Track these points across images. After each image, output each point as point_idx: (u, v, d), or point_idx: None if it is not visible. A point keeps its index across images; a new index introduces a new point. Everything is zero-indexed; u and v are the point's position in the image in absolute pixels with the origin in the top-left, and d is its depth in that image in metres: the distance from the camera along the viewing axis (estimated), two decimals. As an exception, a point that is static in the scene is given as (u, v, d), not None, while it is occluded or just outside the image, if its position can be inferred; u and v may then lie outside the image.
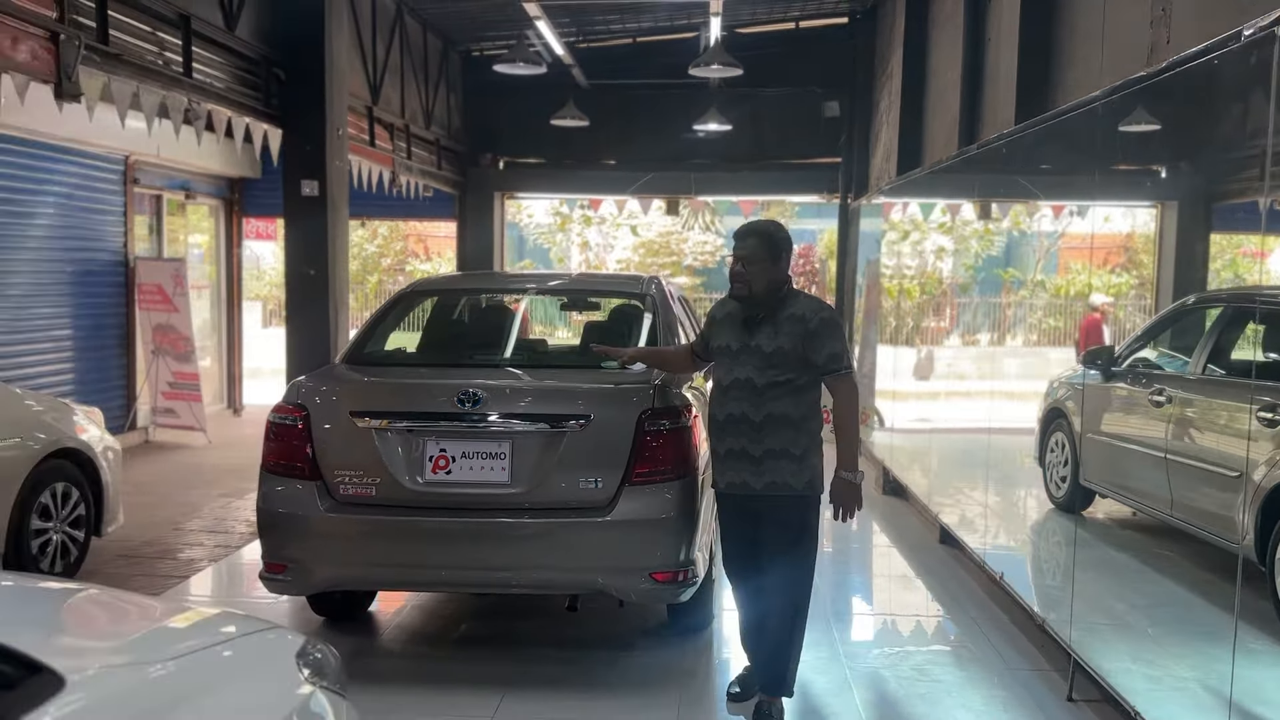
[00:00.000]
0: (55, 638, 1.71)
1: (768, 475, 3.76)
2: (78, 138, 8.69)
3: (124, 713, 1.40)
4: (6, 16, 4.49)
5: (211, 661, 1.73)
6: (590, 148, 12.49)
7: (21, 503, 5.25)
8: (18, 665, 1.44)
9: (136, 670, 1.57)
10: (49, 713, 1.31)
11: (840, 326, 3.88)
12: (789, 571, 3.82)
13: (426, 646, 4.86)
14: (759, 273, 3.78)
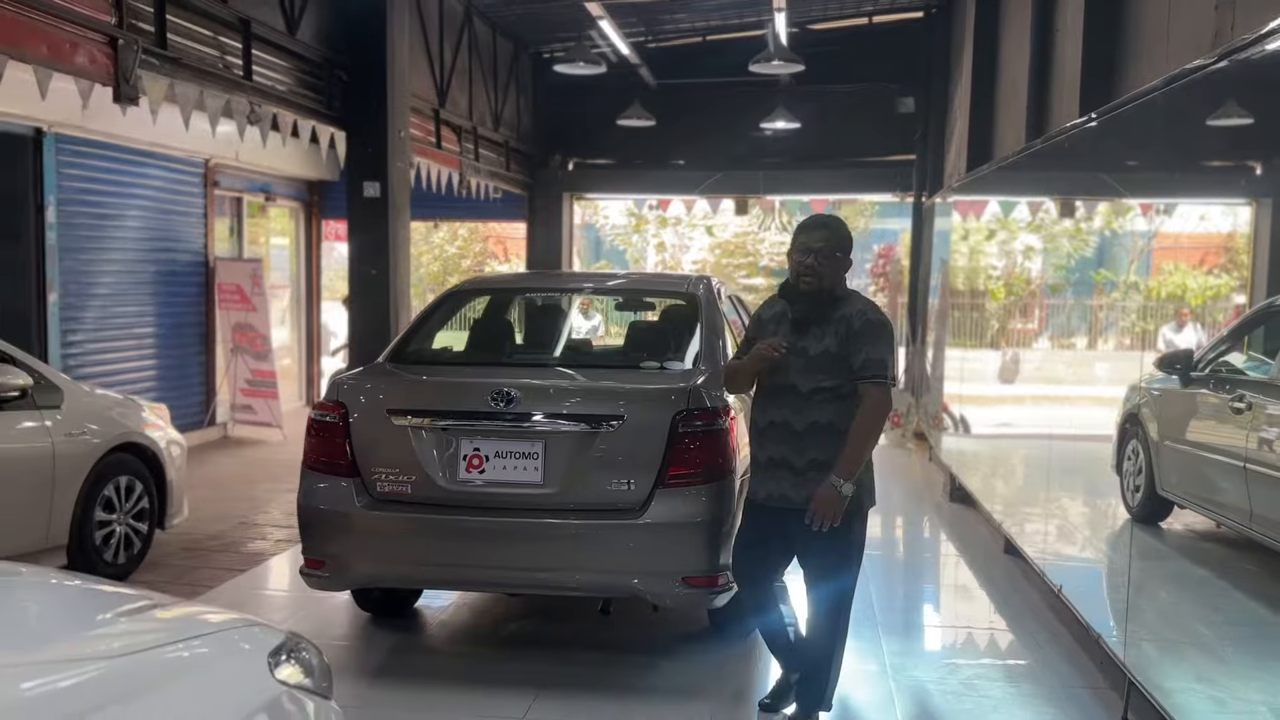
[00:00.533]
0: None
1: (810, 488, 3.51)
2: (160, 142, 8.98)
3: (52, 712, 1.39)
4: (66, 22, 4.66)
5: (164, 659, 1.72)
6: (659, 147, 12.46)
7: (86, 495, 5.42)
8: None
9: (81, 666, 1.57)
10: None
11: (886, 331, 3.59)
12: (831, 588, 3.61)
13: (467, 645, 4.87)
14: (834, 266, 3.57)
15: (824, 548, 3.56)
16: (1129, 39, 5.18)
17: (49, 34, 4.60)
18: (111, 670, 1.59)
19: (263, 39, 6.57)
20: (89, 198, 8.57)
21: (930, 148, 11.08)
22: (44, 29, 4.59)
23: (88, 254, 8.61)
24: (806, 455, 3.54)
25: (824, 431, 3.52)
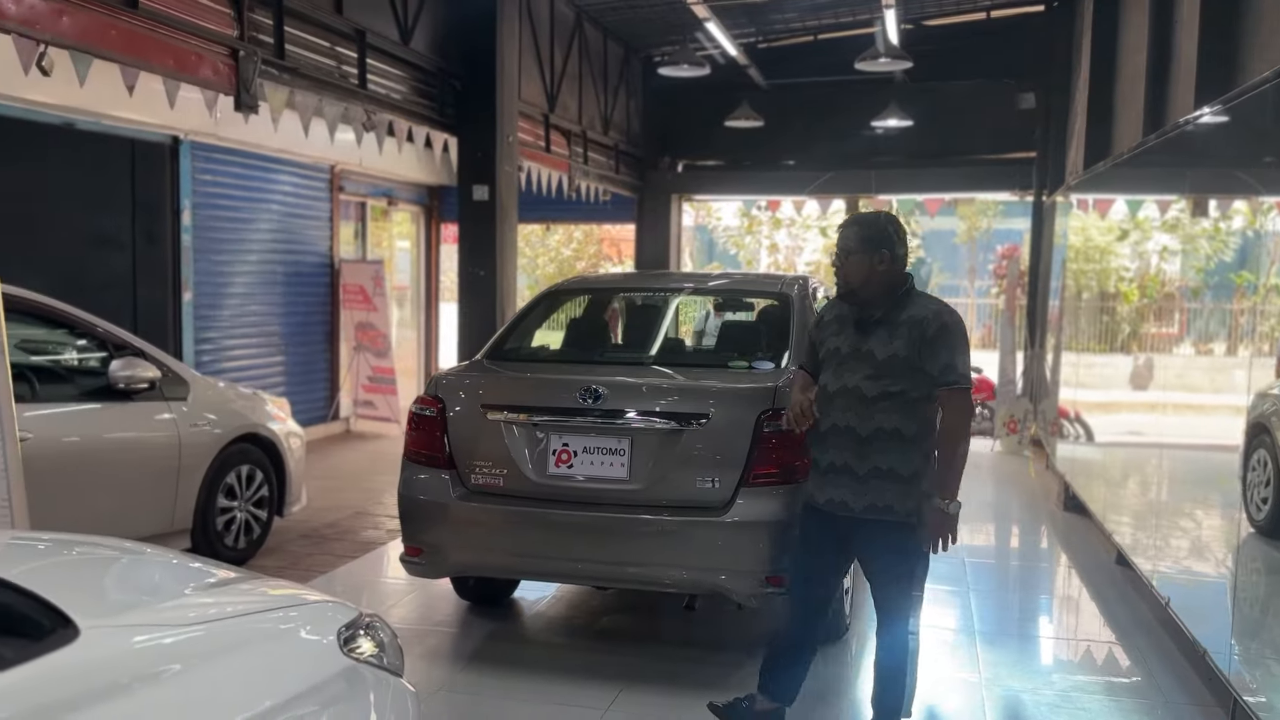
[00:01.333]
0: (93, 595, 1.90)
1: (870, 496, 3.39)
2: (288, 149, 9.43)
3: (126, 669, 1.52)
4: (192, 36, 4.98)
5: (244, 627, 1.86)
6: (768, 148, 12.40)
7: (209, 482, 5.74)
8: (51, 617, 1.60)
9: (155, 631, 1.71)
10: (52, 660, 1.46)
11: (962, 333, 3.41)
12: (898, 597, 3.50)
13: (558, 636, 4.98)
14: (856, 265, 3.41)
15: (888, 557, 3.47)
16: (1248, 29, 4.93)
17: (175, 47, 4.93)
18: (199, 634, 1.74)
19: (377, 49, 6.85)
20: (222, 202, 9.06)
21: (1051, 145, 10.71)
22: (171, 43, 4.92)
23: (220, 255, 9.11)
24: (870, 462, 3.39)
25: (889, 438, 3.37)
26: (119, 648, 1.58)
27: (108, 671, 1.49)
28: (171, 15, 4.94)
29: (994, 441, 10.73)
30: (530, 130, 8.96)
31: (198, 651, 1.68)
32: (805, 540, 3.66)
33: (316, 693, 1.85)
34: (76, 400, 5.27)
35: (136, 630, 1.68)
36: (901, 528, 3.42)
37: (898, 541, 3.43)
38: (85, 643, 1.52)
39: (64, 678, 1.44)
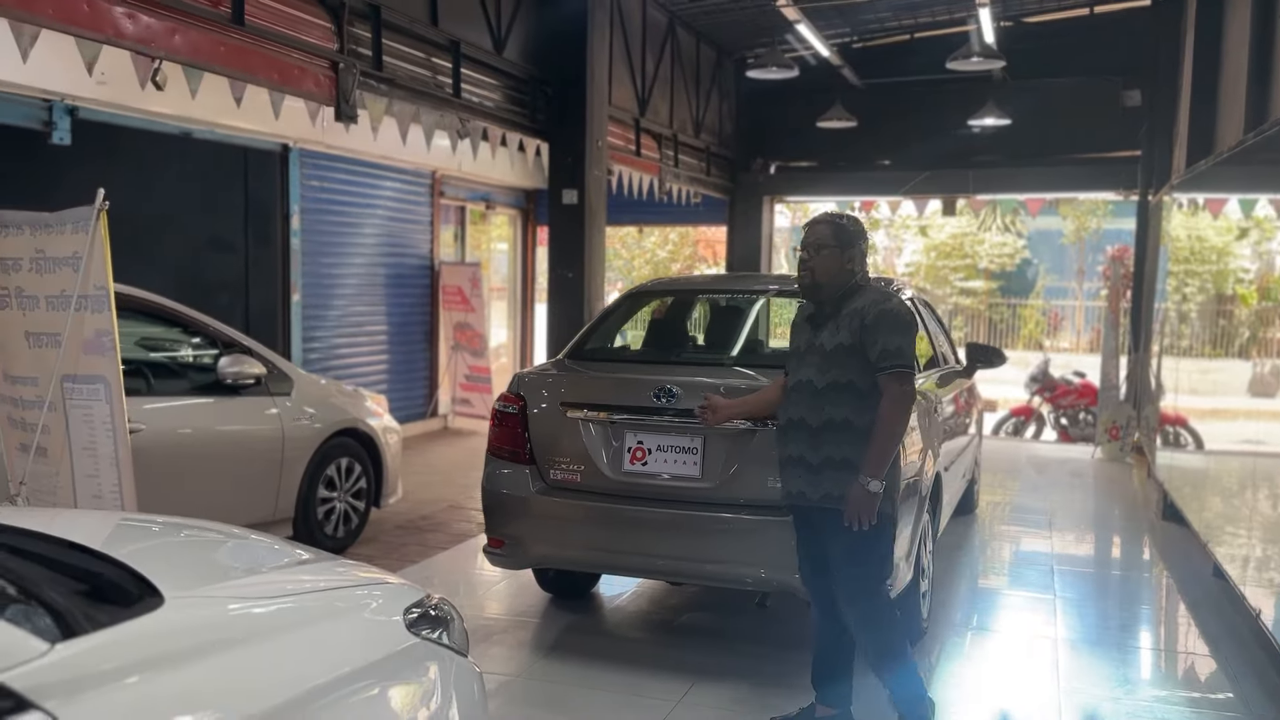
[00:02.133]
0: (180, 570, 2.09)
1: (825, 486, 3.47)
2: (391, 155, 9.79)
3: (204, 636, 1.69)
4: (295, 50, 5.26)
5: (311, 604, 2.03)
6: (862, 148, 12.31)
7: (310, 474, 6.04)
8: (139, 585, 1.78)
9: (230, 603, 1.89)
10: (139, 623, 1.63)
11: (903, 320, 3.48)
12: (854, 597, 3.53)
13: (635, 629, 5.10)
14: (825, 261, 3.52)
15: (843, 551, 3.50)
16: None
17: (279, 61, 5.23)
18: (272, 607, 1.91)
19: (471, 58, 7.09)
20: (328, 207, 9.46)
21: (1157, 143, 10.38)
22: (275, 57, 5.22)
23: (327, 258, 9.52)
24: (822, 452, 3.47)
25: (840, 428, 3.45)
26: (197, 616, 1.76)
27: (184, 637, 1.66)
28: (276, 31, 5.24)
29: (1095, 448, 10.45)
30: (621, 134, 9.12)
31: (269, 623, 1.84)
32: (797, 539, 3.76)
33: (380, 666, 2.00)
34: (188, 394, 5.60)
35: (215, 602, 1.86)
36: None
37: (854, 534, 3.46)
38: (167, 610, 1.70)
39: (145, 640, 1.61)
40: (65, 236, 3.31)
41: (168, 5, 4.47)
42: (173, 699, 1.52)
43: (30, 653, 1.40)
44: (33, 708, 1.33)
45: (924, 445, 4.75)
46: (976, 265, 21.85)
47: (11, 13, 3.83)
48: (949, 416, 5.64)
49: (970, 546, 6.73)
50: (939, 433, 5.17)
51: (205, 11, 4.78)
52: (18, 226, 3.45)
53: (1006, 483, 9.04)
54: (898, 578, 4.21)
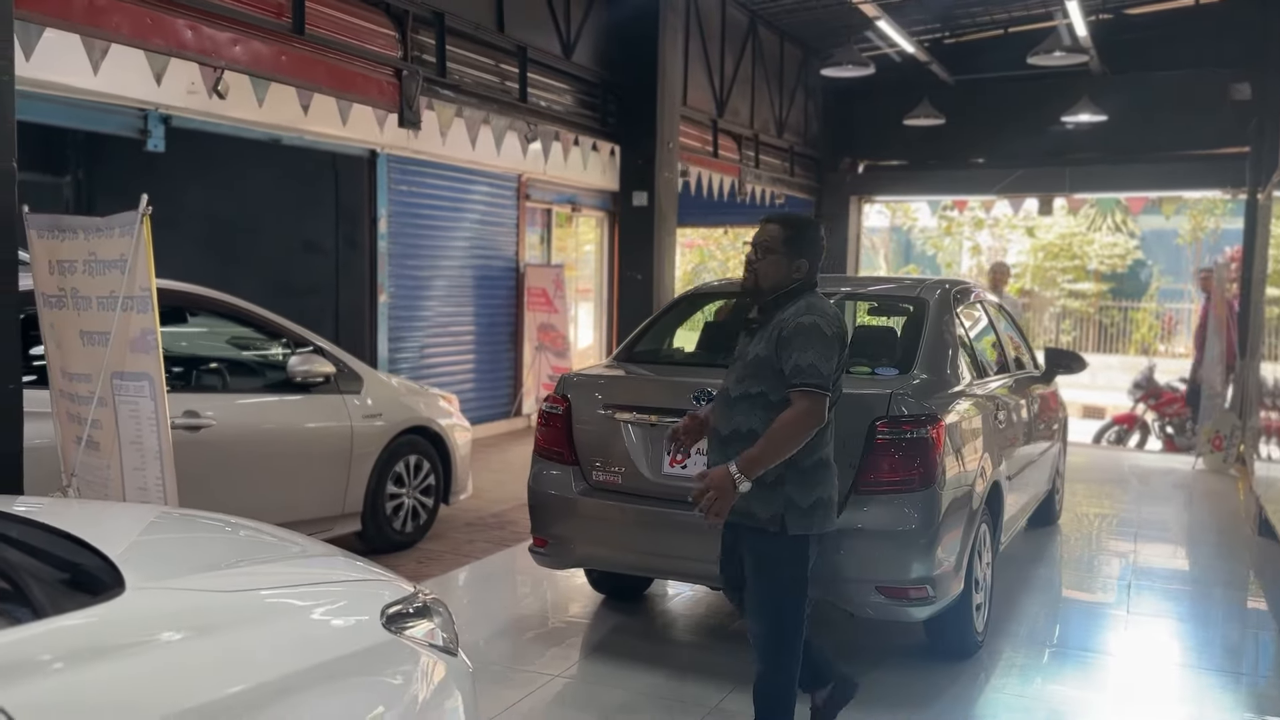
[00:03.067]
0: (159, 560, 2.17)
1: (737, 502, 3.24)
2: (477, 160, 9.98)
3: (154, 626, 1.76)
4: (358, 58, 5.42)
5: (282, 598, 2.08)
6: (953, 145, 12.00)
7: (379, 470, 6.19)
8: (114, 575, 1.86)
9: (195, 595, 1.95)
10: (92, 611, 1.71)
11: (817, 335, 3.22)
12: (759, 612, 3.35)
13: (680, 633, 5.08)
14: (770, 266, 3.33)
15: (753, 561, 3.34)
16: None
17: (341, 69, 5.40)
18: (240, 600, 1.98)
19: (539, 63, 7.18)
20: (415, 210, 9.69)
21: (1267, 138, 9.82)
22: (338, 65, 5.38)
23: (413, 260, 9.75)
24: None
25: (746, 440, 3.25)
26: (153, 606, 1.82)
27: (133, 626, 1.73)
28: (338, 40, 5.40)
29: (1197, 458, 9.94)
30: (697, 136, 9.09)
31: (230, 617, 1.89)
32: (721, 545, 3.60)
33: (345, 662, 2.03)
34: (260, 392, 5.81)
35: (178, 594, 1.92)
36: (763, 534, 3.30)
37: (760, 551, 3.31)
38: (124, 600, 1.77)
39: (93, 628, 1.68)
40: (113, 240, 3.48)
41: (229, 17, 4.67)
42: (104, 687, 1.58)
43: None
44: (-36, 690, 1.41)
45: (979, 453, 4.60)
46: (1086, 266, 21.02)
47: (82, 29, 4.06)
48: (1016, 423, 5.45)
49: (1046, 559, 6.48)
50: (1000, 440, 5.00)
51: (267, 22, 4.96)
52: (74, 231, 3.65)
53: (1098, 493, 8.68)
54: (940, 588, 4.09)
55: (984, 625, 4.77)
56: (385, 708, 2.10)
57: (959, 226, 21.44)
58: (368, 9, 5.71)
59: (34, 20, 4.29)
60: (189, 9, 4.68)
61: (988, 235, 21.90)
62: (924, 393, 4.28)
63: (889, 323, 5.37)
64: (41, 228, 3.80)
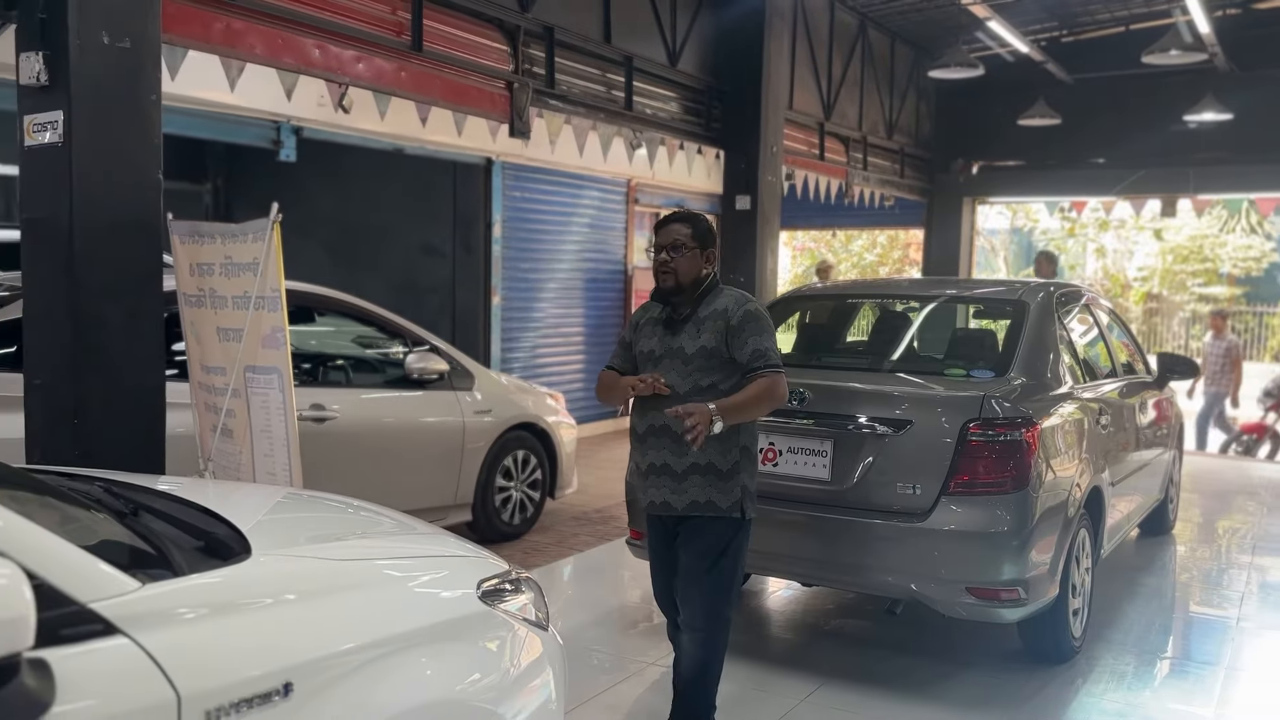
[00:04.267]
0: (281, 531, 2.42)
1: (691, 493, 3.38)
2: (588, 166, 10.27)
3: (276, 586, 1.99)
4: (471, 72, 5.70)
5: (388, 568, 2.30)
6: (1070, 145, 11.71)
7: (489, 464, 6.47)
8: (241, 543, 2.11)
9: (310, 560, 2.18)
10: (222, 572, 1.95)
11: (766, 321, 3.41)
12: (702, 600, 3.41)
13: (773, 628, 5.18)
14: (686, 262, 3.41)
15: (702, 547, 3.39)
16: None
17: (456, 84, 5.70)
18: (350, 568, 2.21)
19: (644, 71, 7.37)
20: (527, 215, 10.01)
21: None
22: (453, 80, 5.68)
23: (525, 264, 10.08)
24: (688, 459, 3.36)
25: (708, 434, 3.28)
26: (276, 570, 2.06)
27: (258, 586, 1.97)
28: (453, 55, 5.70)
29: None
30: (803, 139, 9.14)
31: (342, 581, 2.12)
32: (651, 552, 3.66)
33: (443, 629, 2.24)
34: (380, 387, 6.15)
35: (297, 560, 2.16)
36: (722, 521, 3.40)
37: (712, 535, 3.39)
38: (250, 564, 2.01)
39: (224, 586, 1.93)
40: (247, 244, 3.80)
41: (354, 36, 5.00)
42: (231, 637, 1.81)
43: (123, 588, 1.72)
44: (118, 633, 1.65)
45: (1078, 457, 4.58)
46: (1218, 270, 20.09)
47: (220, 50, 4.43)
48: (1122, 428, 5.37)
49: (1156, 568, 6.34)
50: (1103, 444, 4.95)
51: (388, 41, 5.28)
52: (212, 236, 3.99)
53: (1218, 504, 8.38)
54: (1032, 591, 4.10)
55: (1082, 631, 4.73)
56: (480, 674, 2.30)
57: (1083, 228, 20.75)
58: (482, 25, 6.00)
59: (179, 43, 4.70)
60: (317, 30, 5.04)
61: (1113, 237, 21.14)
62: (1020, 395, 4.29)
63: (988, 325, 5.36)
64: (183, 233, 4.17)
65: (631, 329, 3.64)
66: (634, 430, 3.56)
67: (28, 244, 3.90)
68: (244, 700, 1.76)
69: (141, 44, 3.77)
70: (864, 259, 21.62)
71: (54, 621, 1.57)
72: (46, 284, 3.81)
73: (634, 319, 3.67)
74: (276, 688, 1.81)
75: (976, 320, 5.77)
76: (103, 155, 3.73)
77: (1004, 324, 5.00)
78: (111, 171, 3.77)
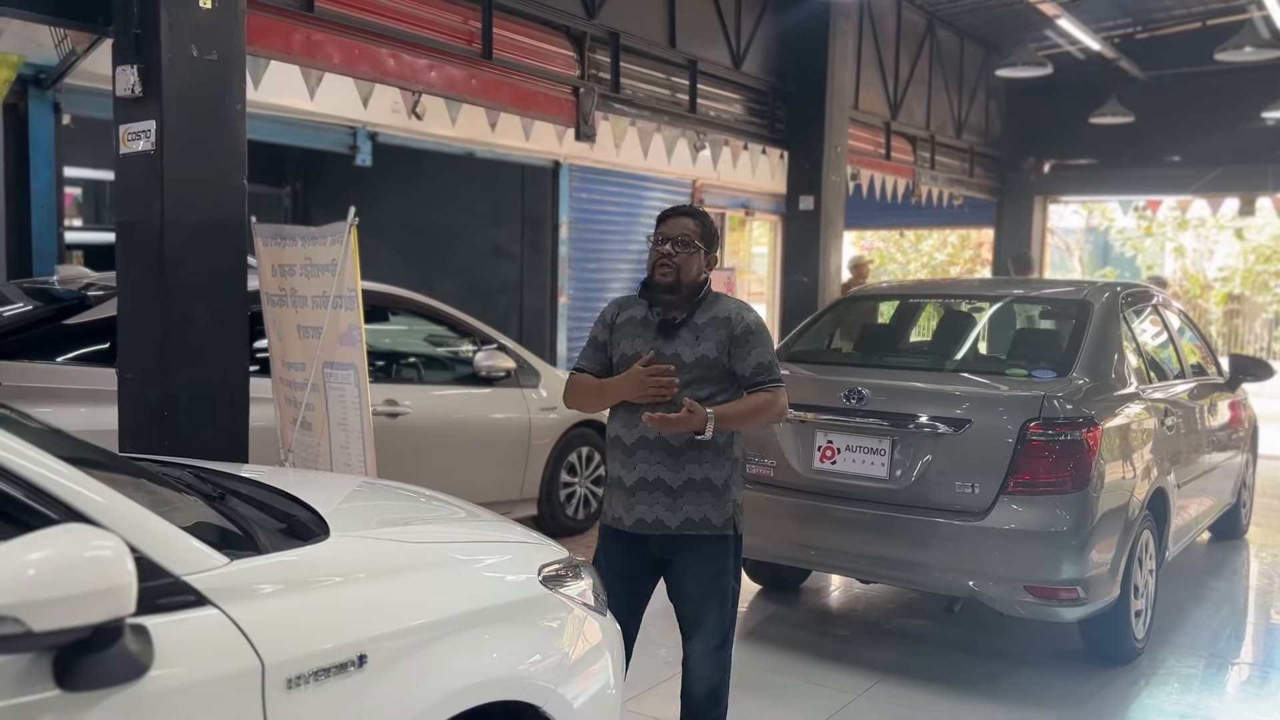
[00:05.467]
0: (358, 517, 2.58)
1: (686, 511, 3.11)
2: (653, 167, 10.38)
3: (352, 565, 2.14)
4: (539, 79, 5.85)
5: (455, 551, 2.44)
6: (1148, 143, 11.48)
7: (554, 460, 6.62)
8: (320, 525, 2.26)
9: (384, 542, 2.33)
10: (303, 550, 2.10)
11: (768, 333, 3.21)
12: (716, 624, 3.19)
13: (832, 625, 5.24)
14: (690, 261, 3.14)
15: (704, 571, 3.17)
16: None
17: (524, 90, 5.86)
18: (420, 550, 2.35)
19: (708, 74, 7.46)
20: (593, 216, 10.16)
21: None
22: (521, 86, 5.84)
23: (591, 264, 10.23)
24: (684, 474, 3.10)
25: (702, 446, 3.09)
26: (352, 550, 2.21)
27: (336, 564, 2.12)
28: (522, 62, 5.87)
29: None
30: (869, 139, 9.14)
31: (412, 562, 2.26)
32: (619, 570, 3.25)
33: (507, 609, 2.37)
34: (450, 384, 6.34)
35: (372, 541, 2.31)
36: (718, 540, 3.17)
37: (712, 555, 3.17)
38: (329, 544, 2.16)
39: (303, 564, 2.07)
40: (326, 247, 3.99)
41: (426, 45, 5.18)
42: (311, 610, 1.95)
43: (214, 563, 1.87)
44: (209, 604, 1.81)
45: (1142, 458, 4.56)
46: (1308, 270, 19.45)
47: (299, 60, 4.64)
48: (1189, 430, 5.31)
49: (1226, 572, 6.24)
50: (1169, 446, 4.91)
51: (459, 49, 5.46)
52: (293, 239, 4.19)
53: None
54: (1091, 591, 4.10)
55: (1145, 633, 4.70)
56: (541, 655, 2.42)
57: (1161, 227, 20.25)
58: (549, 32, 6.16)
59: (262, 54, 4.93)
60: (392, 40, 5.24)
61: (1192, 236, 20.59)
62: (1082, 395, 4.29)
63: (1051, 326, 5.34)
64: (266, 236, 4.38)
65: (605, 328, 3.29)
66: (619, 442, 3.20)
67: (122, 246, 4.14)
68: (322, 670, 1.90)
69: (228, 57, 3.98)
70: (934, 259, 21.39)
71: (152, 592, 1.71)
72: (139, 284, 4.04)
73: (607, 316, 3.32)
74: (352, 659, 1.95)
75: (1040, 321, 5.75)
76: (191, 162, 3.95)
77: (1068, 324, 4.99)
78: (200, 177, 3.99)
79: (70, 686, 1.58)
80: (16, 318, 4.87)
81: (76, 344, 4.79)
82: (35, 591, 1.49)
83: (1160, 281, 9.96)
